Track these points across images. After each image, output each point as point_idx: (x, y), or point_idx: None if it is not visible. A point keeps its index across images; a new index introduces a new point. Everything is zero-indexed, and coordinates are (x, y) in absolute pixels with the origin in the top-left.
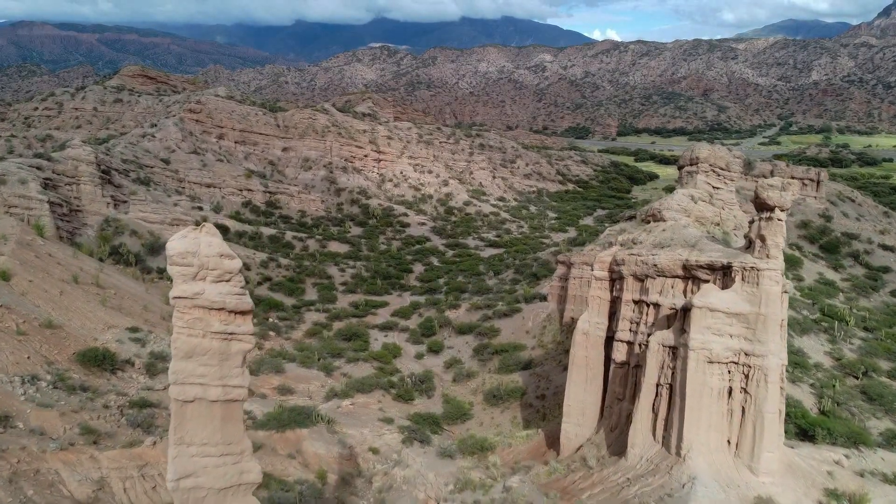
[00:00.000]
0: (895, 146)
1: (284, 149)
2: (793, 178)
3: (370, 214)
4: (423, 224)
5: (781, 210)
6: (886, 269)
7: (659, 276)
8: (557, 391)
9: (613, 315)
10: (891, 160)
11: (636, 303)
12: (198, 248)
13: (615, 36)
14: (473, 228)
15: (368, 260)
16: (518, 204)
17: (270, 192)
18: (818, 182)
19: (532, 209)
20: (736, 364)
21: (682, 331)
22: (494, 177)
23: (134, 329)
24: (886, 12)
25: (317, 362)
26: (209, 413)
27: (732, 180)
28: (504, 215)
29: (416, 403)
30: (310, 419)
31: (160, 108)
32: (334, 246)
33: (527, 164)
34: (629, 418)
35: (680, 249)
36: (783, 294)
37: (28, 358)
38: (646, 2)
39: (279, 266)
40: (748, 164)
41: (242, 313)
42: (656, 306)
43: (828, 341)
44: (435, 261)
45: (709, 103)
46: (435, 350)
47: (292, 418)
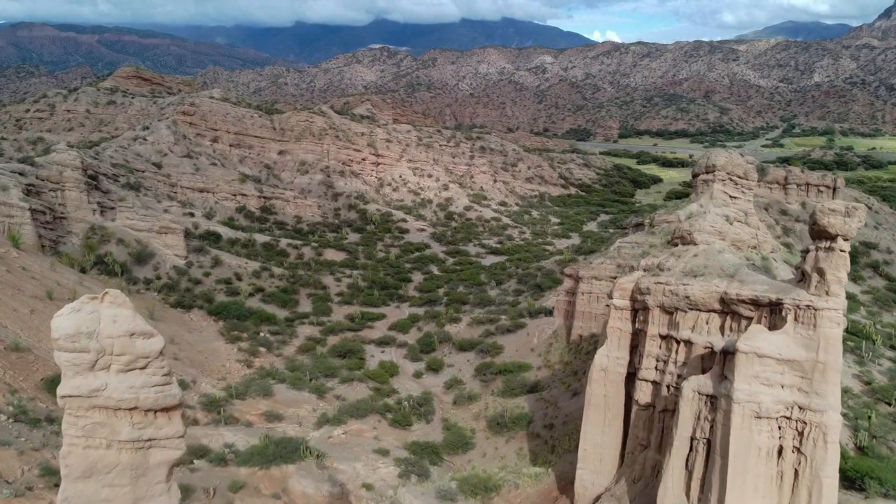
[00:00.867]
0: None
1: (280, 152)
2: (808, 185)
3: (368, 220)
4: (423, 230)
5: (845, 239)
6: None
7: (691, 310)
8: (567, 420)
9: (635, 348)
10: None
11: (663, 338)
12: (96, 327)
13: (615, 37)
14: (474, 234)
15: (366, 268)
16: (520, 209)
17: (265, 197)
18: (834, 189)
19: (534, 214)
20: (788, 419)
21: (723, 377)
22: (496, 181)
23: None
24: (887, 14)
25: (308, 384)
26: None
27: (750, 189)
28: (506, 221)
29: (414, 430)
30: (297, 453)
31: (154, 111)
32: (330, 253)
33: (528, 168)
34: (655, 470)
35: (716, 280)
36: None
37: None
38: (645, 3)
39: (272, 276)
40: (760, 170)
41: (166, 410)
42: (688, 344)
43: (855, 363)
44: (434, 269)
45: (710, 105)
46: (434, 368)
47: (278, 453)
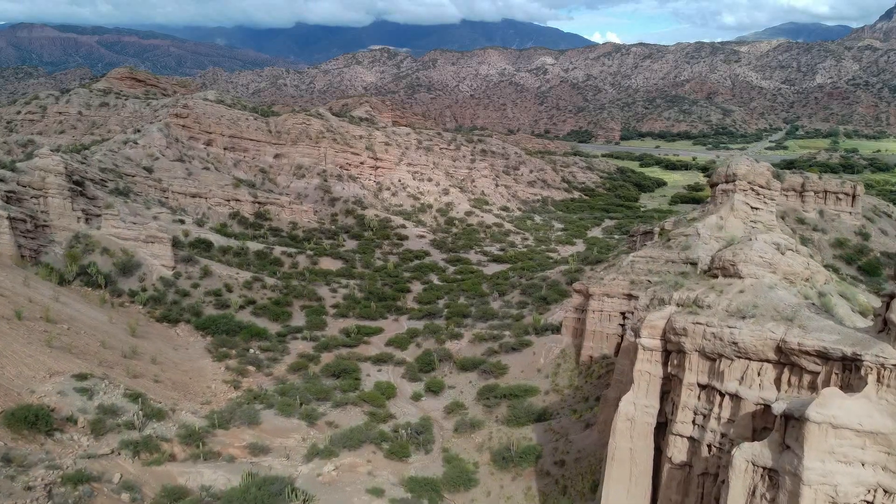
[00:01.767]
0: None
1: (276, 155)
2: (826, 192)
3: (366, 226)
4: (423, 236)
5: None
6: None
7: (739, 358)
8: (580, 457)
9: (666, 394)
10: None
11: (703, 387)
12: None
13: (616, 39)
14: (475, 241)
15: (363, 278)
16: (522, 214)
17: (260, 203)
18: (853, 196)
19: (537, 219)
20: None
21: (784, 446)
22: (497, 185)
23: (82, 376)
24: (888, 15)
25: (299, 409)
26: None
27: (773, 199)
28: (508, 226)
29: (412, 462)
30: (282, 497)
31: (148, 113)
32: (326, 262)
33: (531, 171)
34: None
35: (771, 323)
36: None
37: None
38: (645, 5)
39: (265, 287)
40: (776, 176)
41: None
42: (735, 398)
43: None
44: (435, 279)
45: (713, 107)
46: (434, 390)
47: (260, 498)
